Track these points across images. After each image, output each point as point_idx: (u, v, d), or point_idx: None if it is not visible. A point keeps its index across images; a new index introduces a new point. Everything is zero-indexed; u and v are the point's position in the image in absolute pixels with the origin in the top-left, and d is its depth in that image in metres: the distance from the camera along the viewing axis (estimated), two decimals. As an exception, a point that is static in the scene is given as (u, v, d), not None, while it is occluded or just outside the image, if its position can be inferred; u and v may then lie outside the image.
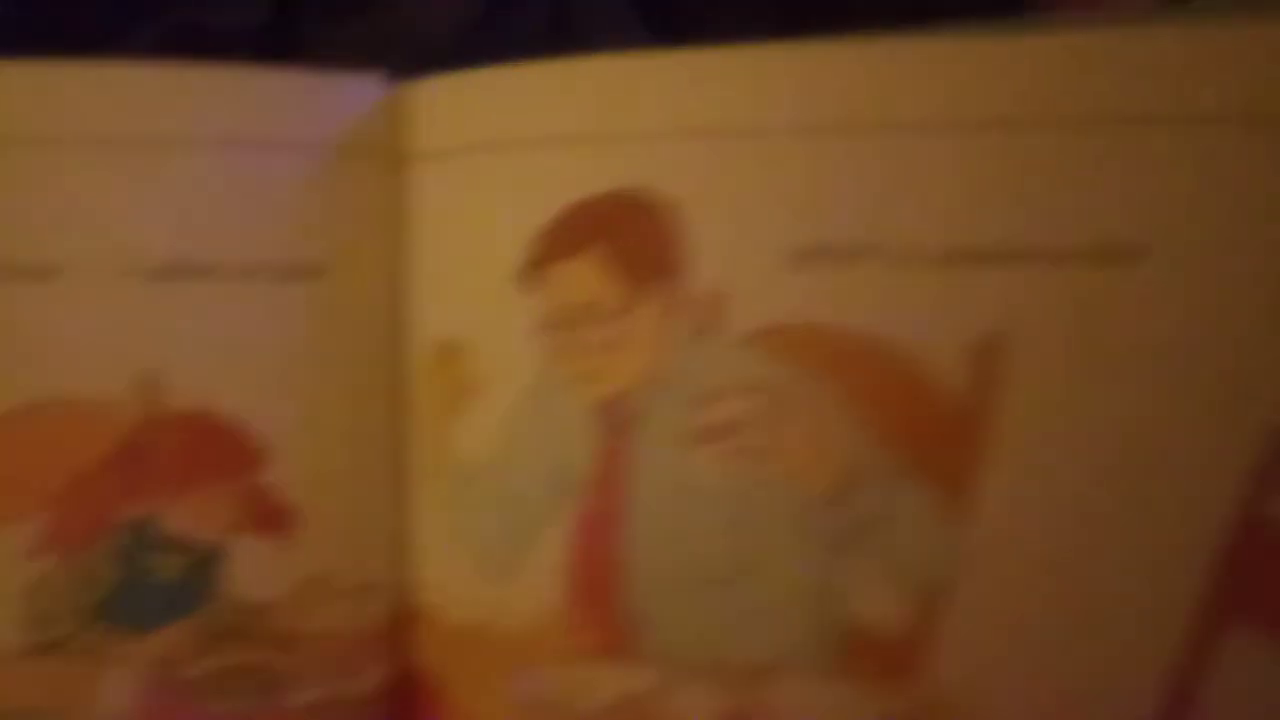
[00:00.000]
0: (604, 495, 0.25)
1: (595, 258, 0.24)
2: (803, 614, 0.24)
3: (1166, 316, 0.22)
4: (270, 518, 0.26)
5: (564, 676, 0.26)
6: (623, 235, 0.24)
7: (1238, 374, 0.22)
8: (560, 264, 0.25)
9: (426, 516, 0.27)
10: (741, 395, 0.23)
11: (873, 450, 0.23)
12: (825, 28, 0.24)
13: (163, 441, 0.25)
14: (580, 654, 0.25)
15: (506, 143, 0.25)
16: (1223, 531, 0.22)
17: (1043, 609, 0.23)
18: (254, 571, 0.26)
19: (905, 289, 0.23)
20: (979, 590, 0.23)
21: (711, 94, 0.23)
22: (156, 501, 0.25)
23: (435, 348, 0.26)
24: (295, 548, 0.26)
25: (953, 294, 0.23)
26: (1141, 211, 0.22)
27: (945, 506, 0.23)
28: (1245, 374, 0.22)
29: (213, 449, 0.25)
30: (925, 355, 0.23)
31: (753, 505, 0.24)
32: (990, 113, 0.22)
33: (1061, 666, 0.23)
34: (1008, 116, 0.22)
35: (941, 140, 0.23)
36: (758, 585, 0.24)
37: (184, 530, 0.25)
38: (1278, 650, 0.22)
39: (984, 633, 0.23)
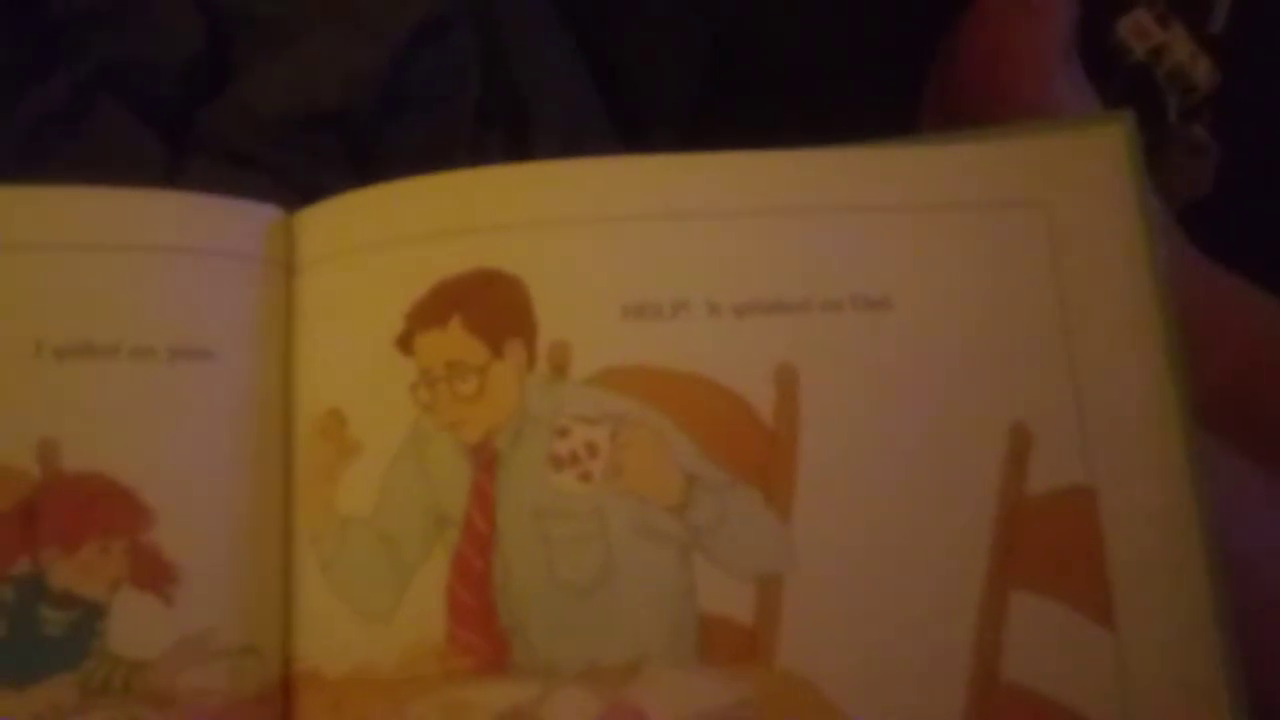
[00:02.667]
0: (475, 526, 0.28)
1: (458, 324, 0.29)
2: (661, 613, 0.27)
3: (914, 348, 0.29)
4: (154, 575, 0.27)
5: (444, 703, 0.28)
6: (480, 304, 0.29)
7: (977, 387, 0.28)
8: (429, 332, 0.29)
9: (307, 582, 0.29)
10: (588, 426, 0.28)
11: (704, 465, 0.28)
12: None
13: (56, 500, 0.26)
14: (459, 679, 0.28)
15: (378, 243, 0.30)
16: (992, 513, 0.28)
17: (862, 590, 0.27)
18: (134, 629, 0.27)
19: (713, 335, 0.28)
20: (807, 578, 0.27)
21: (551, 193, 0.29)
22: (46, 557, 0.26)
23: (317, 419, 0.30)
24: (175, 607, 0.28)
25: (750, 337, 0.28)
26: (884, 274, 0.29)
27: (770, 508, 0.27)
28: (983, 387, 0.28)
29: (102, 506, 0.27)
30: (736, 385, 0.28)
31: (607, 520, 0.28)
32: (768, 204, 0.29)
33: (885, 640, 0.27)
34: (781, 207, 0.29)
35: (735, 223, 0.29)
36: (619, 591, 0.27)
37: (70, 586, 0.27)
38: (1050, 604, 0.27)
39: (817, 615, 0.27)
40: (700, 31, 0.39)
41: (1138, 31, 0.38)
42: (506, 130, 0.34)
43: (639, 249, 0.29)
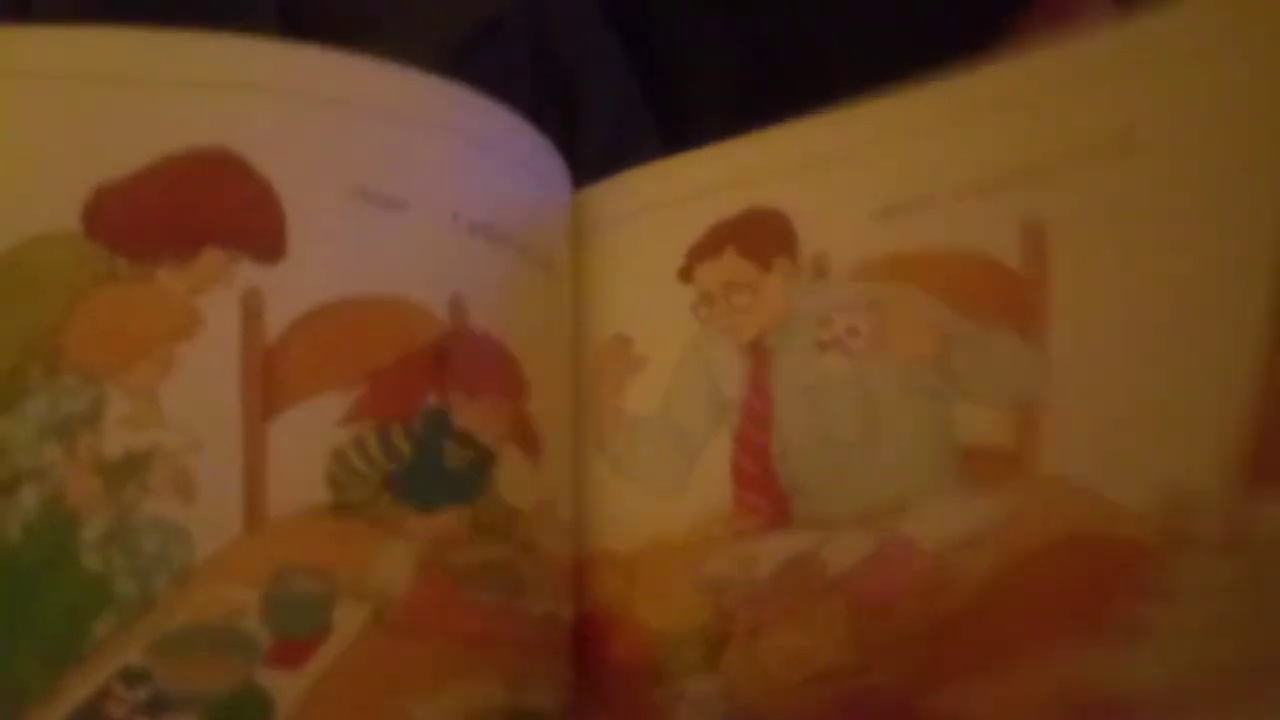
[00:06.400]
0: (754, 408, 0.34)
1: (731, 252, 0.35)
2: (922, 451, 0.32)
3: (1167, 184, 0.30)
4: (529, 439, 0.32)
5: (735, 557, 0.33)
6: (749, 234, 0.35)
7: (1238, 213, 0.29)
8: (705, 262, 0.35)
9: (595, 481, 0.35)
10: (850, 312, 0.33)
11: (958, 322, 0.32)
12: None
13: (462, 348, 0.30)
14: (747, 537, 0.33)
15: (656, 205, 0.37)
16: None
17: (1125, 399, 0.29)
18: (514, 481, 0.31)
19: (957, 214, 0.32)
20: (1065, 395, 0.30)
21: (801, 144, 0.35)
22: (453, 399, 0.30)
23: (603, 344, 0.36)
24: (538, 473, 0.32)
25: (993, 207, 0.31)
26: (1122, 121, 0.30)
27: (1026, 343, 0.31)
28: (1245, 211, 0.29)
29: (499, 366, 0.32)
30: (982, 247, 0.32)
31: (871, 383, 0.33)
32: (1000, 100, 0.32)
33: (1156, 437, 0.29)
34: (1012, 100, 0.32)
35: (966, 129, 0.32)
36: (884, 440, 0.32)
37: (470, 428, 0.30)
38: None
39: (1078, 426, 0.30)
40: (743, 25, 0.41)
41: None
42: (555, 122, 0.36)
43: (880, 171, 0.34)
